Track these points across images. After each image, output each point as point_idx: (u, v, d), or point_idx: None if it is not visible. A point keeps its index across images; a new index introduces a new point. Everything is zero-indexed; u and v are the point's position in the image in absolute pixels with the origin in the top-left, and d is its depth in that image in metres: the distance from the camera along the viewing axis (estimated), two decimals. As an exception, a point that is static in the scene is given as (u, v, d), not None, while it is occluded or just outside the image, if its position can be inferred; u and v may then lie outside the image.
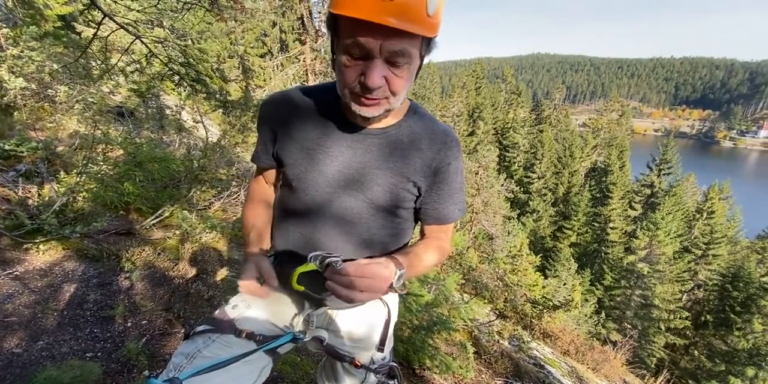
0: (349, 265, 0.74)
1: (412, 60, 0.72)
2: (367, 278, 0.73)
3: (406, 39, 0.68)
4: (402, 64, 0.71)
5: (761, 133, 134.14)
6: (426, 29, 0.68)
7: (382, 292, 0.76)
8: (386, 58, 0.69)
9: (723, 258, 19.96)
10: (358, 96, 0.75)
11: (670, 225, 18.20)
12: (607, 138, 36.68)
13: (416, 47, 0.71)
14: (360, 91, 0.73)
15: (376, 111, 0.77)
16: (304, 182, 0.92)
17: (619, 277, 17.83)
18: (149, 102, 6.51)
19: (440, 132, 0.93)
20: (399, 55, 0.69)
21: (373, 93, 0.72)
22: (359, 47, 0.68)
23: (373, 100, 0.75)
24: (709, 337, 16.22)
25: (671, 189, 24.48)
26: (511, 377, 3.37)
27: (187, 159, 3.70)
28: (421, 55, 0.75)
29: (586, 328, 10.53)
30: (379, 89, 0.72)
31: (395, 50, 0.68)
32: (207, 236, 3.31)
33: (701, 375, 13.72)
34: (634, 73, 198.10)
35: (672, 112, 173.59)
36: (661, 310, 16.26)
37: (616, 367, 5.61)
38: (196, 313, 2.21)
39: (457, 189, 1.00)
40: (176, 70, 2.80)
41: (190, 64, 2.79)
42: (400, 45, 0.68)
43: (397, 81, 0.73)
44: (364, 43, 0.67)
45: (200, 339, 0.98)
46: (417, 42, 0.71)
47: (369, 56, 0.69)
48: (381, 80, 0.71)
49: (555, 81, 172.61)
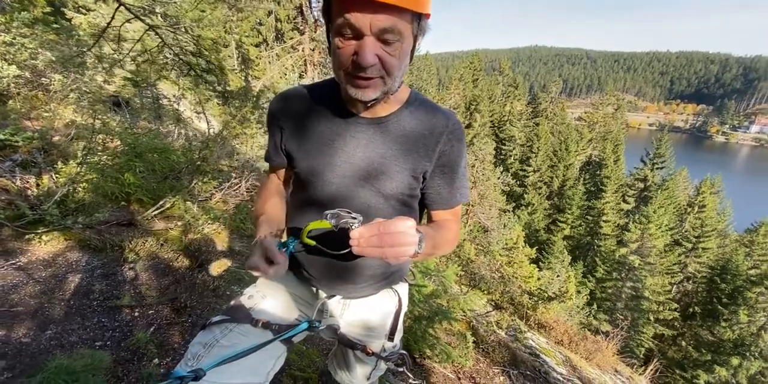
0: (372, 223, 0.70)
1: (404, 37, 0.73)
2: (395, 232, 0.68)
3: (394, 14, 0.68)
4: (393, 41, 0.72)
5: (753, 128, 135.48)
6: (414, 3, 0.69)
7: (413, 245, 0.70)
8: (377, 35, 0.70)
9: (712, 251, 20.32)
10: (353, 77, 0.76)
11: (661, 218, 18.43)
12: (603, 132, 36.85)
13: (406, 24, 0.72)
14: (354, 70, 0.74)
15: (373, 93, 0.78)
16: (314, 177, 0.94)
17: (611, 269, 18.09)
18: (145, 91, 6.44)
19: (442, 116, 0.94)
20: (389, 31, 0.70)
21: (367, 71, 0.73)
22: (349, 26, 0.69)
23: (369, 80, 0.75)
24: (696, 328, 16.59)
25: (664, 183, 24.77)
26: (508, 366, 3.45)
27: (188, 150, 3.68)
28: (414, 33, 0.76)
29: (578, 319, 10.73)
30: (372, 67, 0.72)
31: (385, 27, 0.69)
32: (209, 227, 3.32)
33: (688, 364, 14.08)
34: (630, 66, 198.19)
35: (667, 106, 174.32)
36: (651, 302, 16.57)
37: (607, 357, 5.74)
38: (202, 303, 2.24)
39: (461, 172, 1.01)
40: (186, 60, 2.77)
41: (201, 54, 2.76)
42: (390, 21, 0.69)
43: (391, 60, 0.74)
44: (353, 20, 0.68)
45: (217, 329, 1.00)
46: (407, 18, 0.71)
47: (360, 35, 0.70)
48: (374, 58, 0.71)
49: (552, 74, 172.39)
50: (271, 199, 1.10)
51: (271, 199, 1.11)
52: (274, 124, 0.99)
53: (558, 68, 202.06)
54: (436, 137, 0.93)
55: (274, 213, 1.09)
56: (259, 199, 1.12)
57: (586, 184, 28.60)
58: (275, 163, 1.06)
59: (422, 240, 0.77)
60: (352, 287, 1.07)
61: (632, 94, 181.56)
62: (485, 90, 36.06)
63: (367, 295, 1.11)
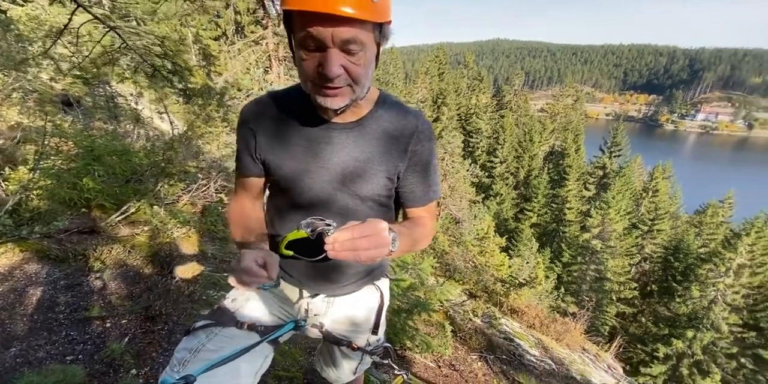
0: (346, 227, 0.71)
1: (366, 47, 0.74)
2: (368, 236, 0.69)
3: (356, 26, 0.70)
4: (356, 51, 0.73)
5: (699, 117, 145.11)
6: (373, 15, 0.70)
7: (387, 246, 0.72)
8: (340, 46, 0.71)
9: (666, 232, 21.72)
10: (320, 87, 0.77)
11: (620, 204, 19.51)
12: (564, 122, 38.31)
13: (368, 33, 0.73)
14: (321, 81, 0.75)
15: (341, 101, 0.79)
16: (293, 183, 0.95)
17: (575, 253, 19.00)
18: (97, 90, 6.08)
19: (412, 117, 0.97)
20: (351, 42, 0.71)
21: (334, 82, 0.74)
22: (312, 39, 0.71)
23: (336, 89, 0.77)
24: (654, 304, 17.79)
25: (621, 170, 26.07)
26: (485, 351, 3.59)
27: (151, 152, 3.53)
28: (377, 41, 0.78)
29: (547, 302, 11.22)
30: (338, 78, 0.74)
31: (347, 38, 0.70)
32: (178, 231, 3.22)
33: (648, 339, 15.09)
34: (587, 59, 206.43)
35: (621, 97, 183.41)
36: (613, 283, 17.57)
37: (576, 337, 6.06)
38: (178, 310, 2.18)
39: (433, 170, 1.04)
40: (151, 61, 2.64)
41: (167, 55, 2.64)
42: (351, 32, 0.70)
43: (356, 69, 0.75)
44: (315, 33, 0.69)
45: (202, 333, 1.00)
46: (368, 28, 0.73)
47: (323, 47, 0.71)
48: (339, 69, 0.73)
49: (514, 67, 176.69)
50: (245, 223, 1.03)
51: (246, 222, 1.04)
52: (247, 133, 0.97)
53: (520, 61, 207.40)
54: (407, 138, 0.95)
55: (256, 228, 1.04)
56: (233, 228, 1.05)
57: (550, 173, 29.69)
58: (251, 173, 1.02)
59: (396, 239, 0.79)
60: (335, 286, 1.09)
61: (590, 85, 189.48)
62: (451, 83, 36.51)
63: (350, 292, 1.14)
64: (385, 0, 0.73)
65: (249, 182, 1.05)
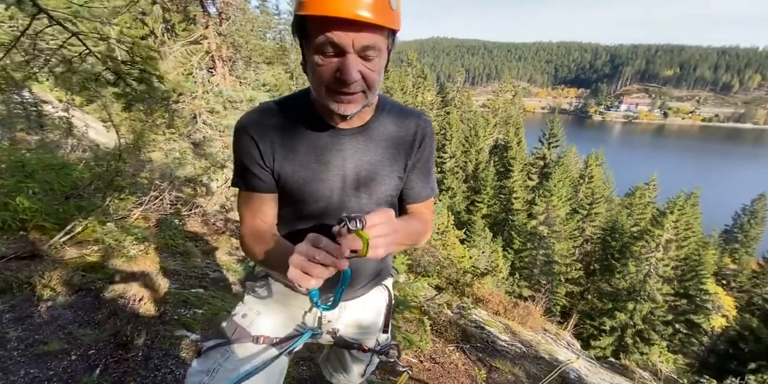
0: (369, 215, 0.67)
1: (382, 53, 0.76)
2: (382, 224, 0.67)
3: (376, 32, 0.72)
4: (373, 57, 0.74)
5: (622, 107, 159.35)
6: (392, 22, 0.73)
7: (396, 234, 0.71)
8: (358, 52, 0.72)
9: (602, 215, 23.65)
10: (336, 93, 0.77)
11: (561, 191, 20.94)
12: (504, 117, 40.34)
13: (384, 40, 0.75)
14: (337, 86, 0.75)
15: (355, 107, 0.80)
16: (305, 193, 0.93)
17: (525, 240, 20.13)
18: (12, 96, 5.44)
19: (414, 117, 0.99)
20: (370, 48, 0.72)
21: (350, 87, 0.75)
22: (332, 45, 0.71)
23: (351, 95, 0.77)
24: (597, 282, 19.34)
25: (559, 160, 27.95)
26: (461, 342, 3.71)
27: (95, 164, 3.23)
28: (389, 48, 0.79)
29: (504, 289, 11.82)
30: (356, 83, 0.74)
31: (367, 44, 0.71)
32: (135, 248, 2.98)
33: (595, 314, 16.38)
34: (521, 56, 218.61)
35: (554, 91, 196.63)
36: (560, 265, 18.86)
37: (536, 319, 6.43)
38: (150, 333, 2.03)
39: (431, 167, 1.08)
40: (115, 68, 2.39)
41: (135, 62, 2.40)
42: (371, 39, 0.71)
43: (372, 74, 0.76)
44: (336, 39, 0.69)
45: (217, 353, 0.97)
46: (384, 35, 0.75)
47: (342, 52, 0.72)
48: (357, 74, 0.73)
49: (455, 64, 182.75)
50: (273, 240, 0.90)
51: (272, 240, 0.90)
52: (249, 144, 0.90)
53: (460, 58, 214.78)
54: (412, 137, 0.98)
55: None
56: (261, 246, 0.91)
57: (496, 165, 31.12)
58: (261, 188, 0.93)
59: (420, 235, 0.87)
60: (350, 290, 1.09)
61: (525, 81, 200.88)
62: (397, 82, 36.98)
63: (362, 294, 1.14)
64: (399, 8, 0.75)
65: (260, 201, 0.95)
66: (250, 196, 0.95)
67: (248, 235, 0.94)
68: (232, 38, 8.42)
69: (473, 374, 3.15)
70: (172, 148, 5.79)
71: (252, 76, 8.72)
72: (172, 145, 5.61)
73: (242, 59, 9.09)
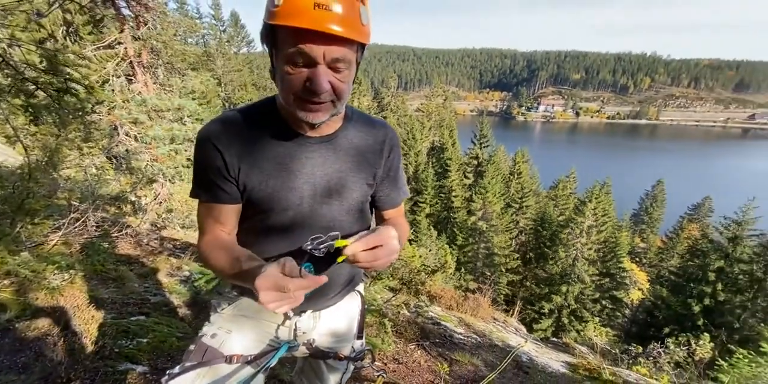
0: (360, 239, 0.77)
1: (351, 65, 0.79)
2: (382, 245, 0.77)
3: (345, 45, 0.74)
4: (343, 69, 0.77)
5: (540, 108, 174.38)
6: (362, 36, 0.76)
7: (397, 252, 0.81)
8: (329, 63, 0.74)
9: (532, 207, 25.55)
10: (304, 102, 0.78)
11: (494, 187, 22.30)
12: (438, 120, 42.03)
13: (354, 53, 0.78)
14: (307, 96, 0.77)
15: (323, 116, 0.81)
16: (275, 203, 0.91)
17: (467, 236, 21.08)
18: None
19: (381, 127, 1.03)
20: (340, 60, 0.75)
21: (320, 97, 0.76)
22: (303, 55, 0.72)
23: (320, 104, 0.78)
24: (534, 269, 20.79)
25: (491, 158, 29.71)
26: (421, 339, 3.78)
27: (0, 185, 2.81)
28: (357, 61, 0.82)
29: (452, 284, 12.27)
30: (325, 93, 0.76)
31: (338, 56, 0.74)
32: (58, 278, 2.64)
33: (534, 299, 17.62)
34: (448, 62, 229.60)
35: (481, 94, 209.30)
36: (500, 256, 20.00)
37: (486, 309, 6.76)
38: (89, 370, 1.80)
39: (401, 173, 1.12)
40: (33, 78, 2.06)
41: (57, 71, 2.08)
42: (342, 52, 0.74)
43: (341, 85, 0.78)
44: (307, 50, 0.71)
45: (189, 378, 0.90)
46: (354, 48, 0.77)
47: (313, 64, 0.74)
48: (327, 84, 0.75)
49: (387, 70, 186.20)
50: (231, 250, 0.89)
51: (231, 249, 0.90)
52: (213, 155, 0.87)
53: (391, 64, 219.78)
54: (380, 146, 1.01)
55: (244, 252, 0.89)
56: (215, 258, 0.89)
57: (434, 166, 32.24)
58: (224, 200, 0.91)
59: (399, 240, 0.86)
60: (324, 299, 1.07)
61: (454, 85, 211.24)
62: (332, 87, 36.82)
63: (336, 302, 1.13)
64: (369, 24, 0.78)
65: (222, 212, 0.93)
66: (212, 207, 0.93)
67: (210, 246, 0.92)
68: (152, 43, 7.82)
69: (436, 370, 3.23)
70: (89, 164, 5.23)
71: (178, 83, 8.17)
72: (92, 160, 5.06)
73: (164, 65, 8.49)
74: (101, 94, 6.16)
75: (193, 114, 7.58)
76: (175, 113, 6.98)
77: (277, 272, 0.68)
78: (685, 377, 4.71)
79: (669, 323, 14.04)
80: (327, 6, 0.68)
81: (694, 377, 4.78)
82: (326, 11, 0.68)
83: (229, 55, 23.66)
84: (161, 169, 6.54)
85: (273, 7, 0.70)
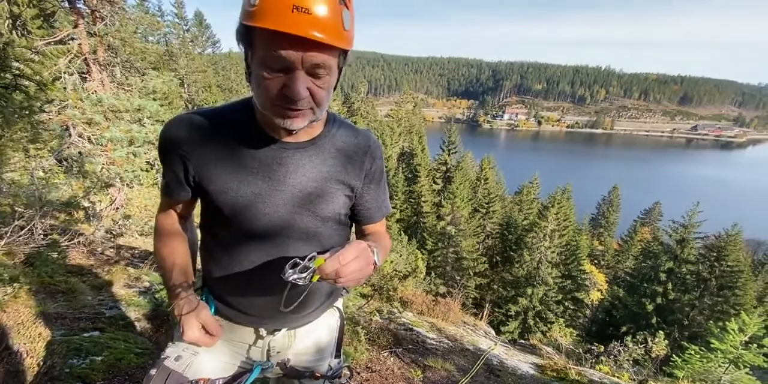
0: (333, 256, 0.71)
1: (332, 71, 0.75)
2: (356, 258, 0.72)
3: (326, 51, 0.70)
4: (323, 75, 0.72)
5: (505, 117, 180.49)
6: (344, 42, 0.71)
7: (372, 264, 0.78)
8: (307, 69, 0.70)
9: (499, 212, 26.25)
10: (282, 108, 0.73)
11: (462, 193, 22.76)
12: (408, 126, 42.48)
13: (335, 59, 0.73)
14: (283, 102, 0.72)
15: (302, 122, 0.77)
16: (244, 211, 0.86)
17: (436, 240, 21.31)
18: None
19: (363, 136, 0.98)
20: (320, 66, 0.70)
21: (298, 104, 0.72)
22: (279, 60, 0.68)
23: (298, 111, 0.74)
24: (500, 273, 21.31)
25: (459, 164, 30.36)
26: (393, 346, 3.75)
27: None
28: (339, 66, 0.78)
29: (422, 288, 12.33)
30: (303, 100, 0.72)
31: (317, 62, 0.69)
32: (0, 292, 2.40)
33: (501, 302, 18.02)
34: (417, 69, 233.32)
35: (449, 102, 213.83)
36: (469, 260, 20.35)
37: (456, 313, 6.83)
38: (35, 394, 1.64)
39: (384, 186, 1.08)
40: None
41: (5, 66, 1.87)
42: (322, 58, 0.69)
43: (320, 92, 0.74)
44: (285, 55, 0.67)
45: None
46: (335, 54, 0.73)
47: (290, 69, 0.69)
48: (305, 91, 0.71)
49: (357, 75, 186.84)
50: (173, 244, 1.00)
51: (173, 243, 0.99)
52: (174, 154, 0.85)
53: (361, 70, 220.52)
54: (361, 156, 0.96)
55: (183, 260, 0.99)
56: (160, 245, 1.00)
57: (404, 172, 32.53)
58: (177, 197, 0.95)
59: (378, 253, 0.83)
60: (298, 316, 1.02)
61: (423, 92, 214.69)
62: (301, 91, 36.44)
63: (312, 320, 1.08)
64: (352, 29, 0.74)
65: (179, 204, 0.99)
66: (172, 199, 0.98)
67: (163, 223, 1.00)
68: (109, 40, 7.42)
69: (410, 376, 3.20)
70: (35, 167, 4.85)
71: (138, 82, 7.77)
72: (39, 163, 4.70)
73: (122, 64, 8.06)
74: (55, 92, 5.76)
75: (153, 115, 7.23)
76: (135, 114, 6.63)
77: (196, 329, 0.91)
78: (644, 374, 4.94)
79: (626, 322, 14.77)
80: (307, 9, 0.63)
81: (651, 373, 5.03)
82: (306, 15, 0.63)
83: (192, 55, 22.79)
84: (118, 173, 6.17)
85: (249, 6, 0.66)
